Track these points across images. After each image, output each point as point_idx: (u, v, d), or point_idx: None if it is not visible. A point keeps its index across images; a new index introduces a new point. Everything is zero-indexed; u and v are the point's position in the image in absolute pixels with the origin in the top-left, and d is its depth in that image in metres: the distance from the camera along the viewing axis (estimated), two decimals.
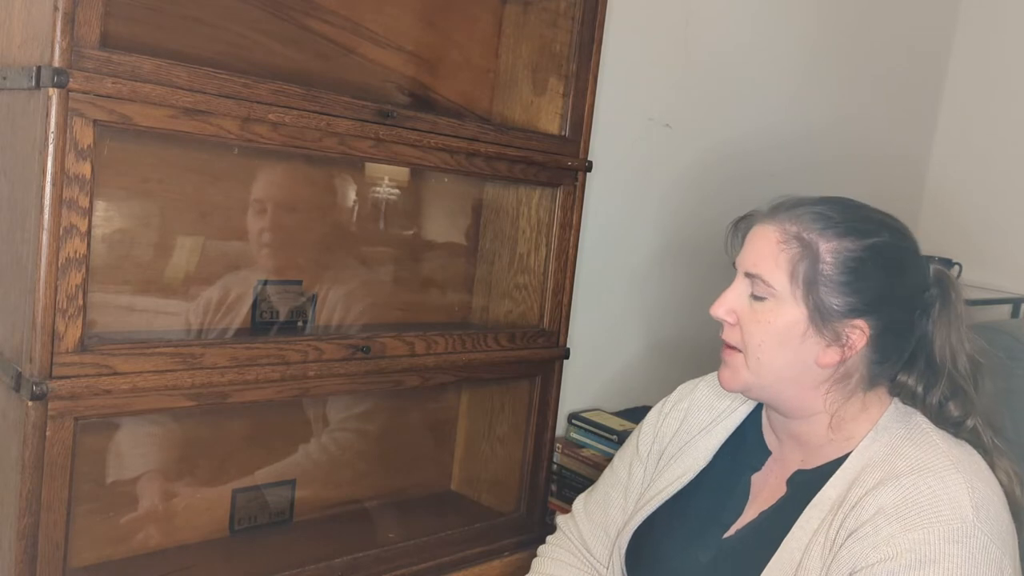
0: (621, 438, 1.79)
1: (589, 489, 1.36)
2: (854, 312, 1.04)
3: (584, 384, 1.94)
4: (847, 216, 1.07)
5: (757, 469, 1.17)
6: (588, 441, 1.85)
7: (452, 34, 1.57)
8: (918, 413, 1.09)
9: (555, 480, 1.83)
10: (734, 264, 1.13)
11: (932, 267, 1.10)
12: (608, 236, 1.96)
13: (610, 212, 1.95)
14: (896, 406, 1.10)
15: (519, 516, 1.61)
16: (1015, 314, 2.59)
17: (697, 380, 1.32)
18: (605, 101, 1.77)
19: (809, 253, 1.04)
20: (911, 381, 1.10)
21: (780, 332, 1.06)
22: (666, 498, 1.20)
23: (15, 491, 1.04)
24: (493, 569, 1.52)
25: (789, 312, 1.05)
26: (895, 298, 1.06)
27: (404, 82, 1.50)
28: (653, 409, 1.33)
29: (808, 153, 2.42)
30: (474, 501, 1.69)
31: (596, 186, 1.81)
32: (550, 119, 1.55)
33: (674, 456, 1.24)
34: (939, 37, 2.84)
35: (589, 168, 1.56)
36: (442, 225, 1.61)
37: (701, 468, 1.20)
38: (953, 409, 1.08)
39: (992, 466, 1.06)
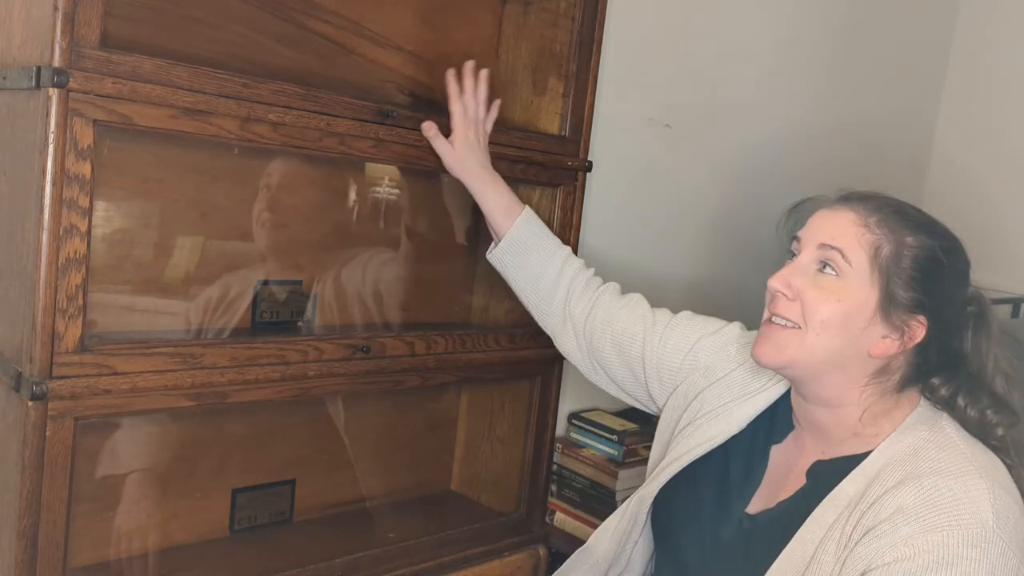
0: (621, 438, 1.79)
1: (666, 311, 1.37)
2: (920, 308, 1.05)
3: (584, 384, 1.93)
4: (920, 214, 1.10)
5: (778, 441, 1.18)
6: (588, 441, 1.85)
7: (452, 34, 1.57)
8: (945, 417, 1.09)
9: (555, 480, 1.83)
10: (793, 242, 1.12)
11: (970, 287, 1.11)
12: (608, 236, 1.96)
13: (610, 212, 1.95)
14: (923, 407, 1.10)
15: (519, 516, 1.61)
16: (1015, 314, 2.59)
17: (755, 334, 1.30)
18: (605, 101, 1.77)
19: (892, 241, 1.05)
20: (946, 390, 1.10)
21: (848, 312, 1.05)
22: (693, 459, 1.20)
23: (15, 491, 1.03)
24: (493, 569, 1.52)
25: (860, 293, 1.05)
26: (952, 304, 1.08)
27: (404, 82, 1.50)
28: (740, 329, 1.31)
29: (807, 153, 2.42)
30: (474, 501, 1.69)
31: (596, 186, 1.81)
32: (550, 119, 1.55)
33: (708, 415, 1.23)
34: (939, 38, 2.84)
35: (589, 168, 1.56)
36: (442, 225, 1.61)
37: (732, 434, 1.20)
38: (993, 419, 1.08)
39: (1020, 477, 1.06)
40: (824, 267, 1.07)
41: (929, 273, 1.05)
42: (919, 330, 1.06)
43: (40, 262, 1.00)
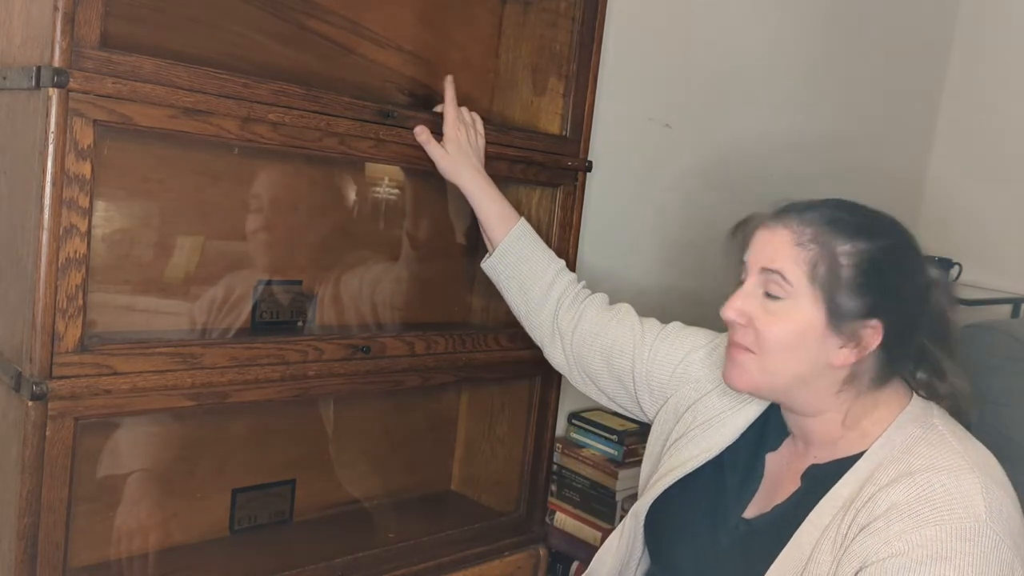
0: (621, 438, 1.79)
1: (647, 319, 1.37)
2: (869, 312, 1.04)
3: None
4: (857, 217, 1.08)
5: (773, 449, 1.18)
6: (588, 441, 1.85)
7: (452, 34, 1.57)
8: (936, 414, 1.09)
9: (555, 480, 1.83)
10: (742, 266, 1.12)
11: (928, 272, 1.10)
12: (608, 236, 1.96)
13: (610, 212, 1.95)
14: (914, 405, 1.10)
15: (519, 516, 1.61)
16: (1015, 314, 2.59)
17: None
18: (605, 101, 1.77)
19: (826, 254, 1.04)
20: (923, 375, 1.11)
21: (798, 333, 1.05)
22: (687, 472, 1.20)
23: (15, 491, 1.04)
24: (493, 569, 1.52)
25: (806, 313, 1.04)
26: (906, 297, 1.07)
27: (404, 82, 1.50)
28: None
29: (807, 153, 2.42)
30: (474, 501, 1.69)
31: (596, 186, 1.81)
32: (550, 119, 1.55)
33: (701, 426, 1.23)
34: (939, 39, 2.84)
35: (589, 168, 1.56)
36: (442, 225, 1.61)
37: (727, 445, 1.20)
38: (959, 387, 1.10)
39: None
40: (769, 290, 1.06)
41: (872, 276, 1.04)
42: (874, 335, 1.05)
43: (40, 262, 1.00)
